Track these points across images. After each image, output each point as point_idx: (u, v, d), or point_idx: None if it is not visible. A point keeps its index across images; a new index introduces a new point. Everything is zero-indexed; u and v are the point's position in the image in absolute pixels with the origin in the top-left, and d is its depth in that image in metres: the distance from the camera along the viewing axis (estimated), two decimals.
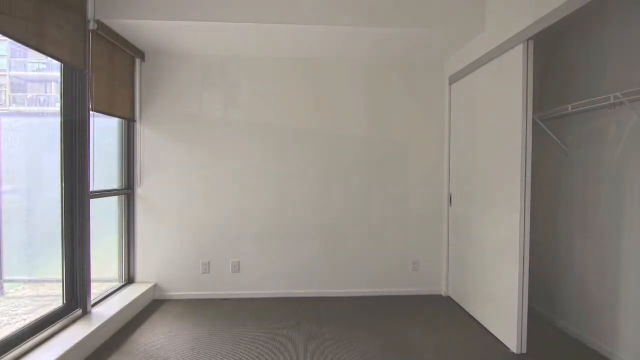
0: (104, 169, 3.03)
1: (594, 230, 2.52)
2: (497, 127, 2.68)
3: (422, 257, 3.59)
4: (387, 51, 3.29)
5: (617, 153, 2.35)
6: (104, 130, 3.06)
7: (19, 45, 2.05)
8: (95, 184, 2.68)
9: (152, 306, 3.22)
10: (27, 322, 2.20)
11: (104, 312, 2.68)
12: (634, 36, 2.26)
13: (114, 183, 3.23)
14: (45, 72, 3.10)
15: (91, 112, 2.61)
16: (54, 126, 2.46)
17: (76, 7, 2.48)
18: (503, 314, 2.55)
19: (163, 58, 3.35)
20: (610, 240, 2.38)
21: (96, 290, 2.86)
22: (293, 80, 3.46)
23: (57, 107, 2.48)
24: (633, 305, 2.21)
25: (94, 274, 2.66)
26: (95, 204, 2.70)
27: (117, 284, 3.23)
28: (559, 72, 2.89)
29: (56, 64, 2.41)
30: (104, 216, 3.14)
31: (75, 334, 2.30)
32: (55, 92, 2.66)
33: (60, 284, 2.50)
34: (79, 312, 2.54)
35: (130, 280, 3.35)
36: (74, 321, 2.48)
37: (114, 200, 3.24)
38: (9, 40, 2.03)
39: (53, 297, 2.56)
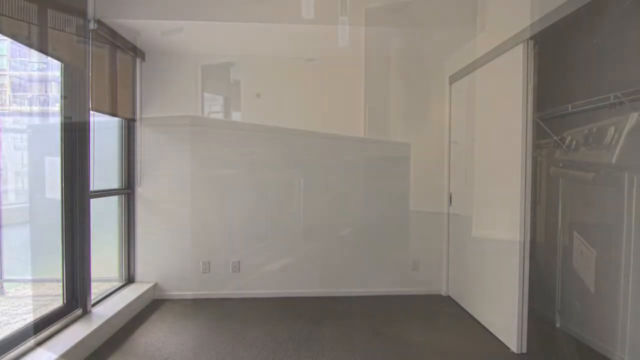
0: (103, 169, 3.03)
1: (594, 230, 2.52)
2: (497, 126, 2.68)
3: (422, 257, 3.58)
4: (387, 51, 3.29)
5: (616, 153, 2.34)
6: (104, 130, 3.06)
7: (19, 44, 2.05)
8: (95, 184, 2.68)
9: (152, 306, 3.22)
10: (27, 321, 2.20)
11: (104, 311, 2.68)
12: (633, 36, 2.26)
13: (114, 182, 3.23)
14: (45, 71, 3.10)
15: (91, 112, 2.61)
16: (54, 126, 2.46)
17: (76, 7, 2.48)
18: (503, 314, 2.55)
19: (163, 58, 3.35)
20: (610, 240, 2.38)
21: (96, 290, 2.86)
22: (293, 80, 3.46)
23: (57, 107, 2.48)
24: (633, 305, 2.21)
25: (94, 273, 2.66)
26: (95, 204, 2.70)
27: (117, 284, 3.23)
28: (559, 72, 2.89)
29: (56, 63, 2.41)
30: (104, 216, 3.14)
31: (75, 334, 2.30)
32: (55, 91, 2.66)
33: (60, 284, 2.49)
34: (79, 311, 2.54)
35: (130, 279, 3.35)
36: (74, 321, 2.47)
37: (114, 200, 3.24)
38: (8, 40, 2.04)
39: (53, 297, 2.56)
